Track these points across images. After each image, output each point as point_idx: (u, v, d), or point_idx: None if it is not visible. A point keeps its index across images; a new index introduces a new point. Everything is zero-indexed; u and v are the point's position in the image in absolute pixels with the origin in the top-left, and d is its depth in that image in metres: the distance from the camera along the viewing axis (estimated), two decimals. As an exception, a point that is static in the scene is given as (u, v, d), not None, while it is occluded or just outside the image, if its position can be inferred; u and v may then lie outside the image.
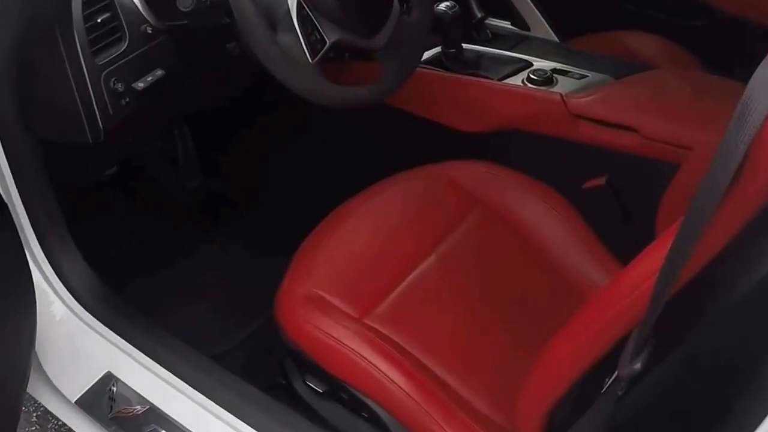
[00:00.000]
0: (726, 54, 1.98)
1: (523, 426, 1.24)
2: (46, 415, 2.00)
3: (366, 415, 1.44)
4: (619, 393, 0.98)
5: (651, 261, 0.97)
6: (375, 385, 1.39)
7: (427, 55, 1.98)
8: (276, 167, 2.44)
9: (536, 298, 1.57)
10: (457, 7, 1.89)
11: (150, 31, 1.60)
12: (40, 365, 1.59)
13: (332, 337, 1.42)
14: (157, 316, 1.75)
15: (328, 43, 1.51)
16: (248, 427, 1.41)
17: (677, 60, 2.11)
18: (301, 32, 1.48)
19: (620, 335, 1.01)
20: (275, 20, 1.49)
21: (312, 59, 1.49)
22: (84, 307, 1.62)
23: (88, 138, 1.54)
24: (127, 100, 1.56)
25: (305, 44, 1.49)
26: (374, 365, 1.39)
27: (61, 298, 1.63)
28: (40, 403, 1.73)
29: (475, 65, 1.95)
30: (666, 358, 0.98)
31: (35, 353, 1.56)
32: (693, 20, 2.27)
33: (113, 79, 1.53)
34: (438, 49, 1.99)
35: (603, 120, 1.71)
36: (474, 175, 1.73)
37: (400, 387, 1.37)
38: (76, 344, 1.61)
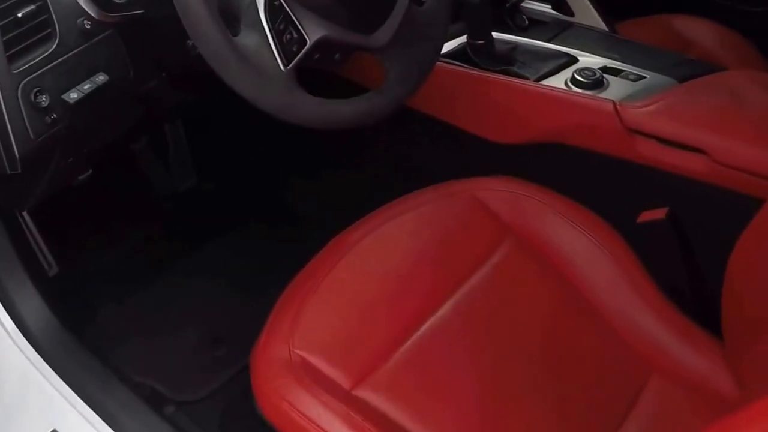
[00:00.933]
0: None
1: None
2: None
3: None
4: None
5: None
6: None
7: (449, 46, 1.75)
8: (277, 172, 2.26)
9: (579, 361, 1.36)
10: (487, -12, 1.63)
11: (89, 26, 1.29)
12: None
13: (309, 419, 1.21)
14: (128, 351, 1.72)
15: (308, 43, 1.18)
16: None
17: (734, 49, 2.02)
18: (270, 30, 1.16)
19: None
20: (236, 13, 1.18)
21: (285, 66, 1.17)
22: (33, 347, 1.45)
23: (6, 168, 1.27)
24: (54, 116, 1.25)
25: (276, 46, 1.17)
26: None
27: (8, 333, 1.45)
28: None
29: (507, 60, 1.70)
30: None
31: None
32: (749, 4, 2.22)
33: (35, 91, 1.22)
34: (463, 38, 1.75)
35: (665, 138, 1.50)
36: (505, 196, 1.52)
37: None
38: (23, 391, 1.45)
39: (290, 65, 1.17)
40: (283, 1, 1.16)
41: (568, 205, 1.51)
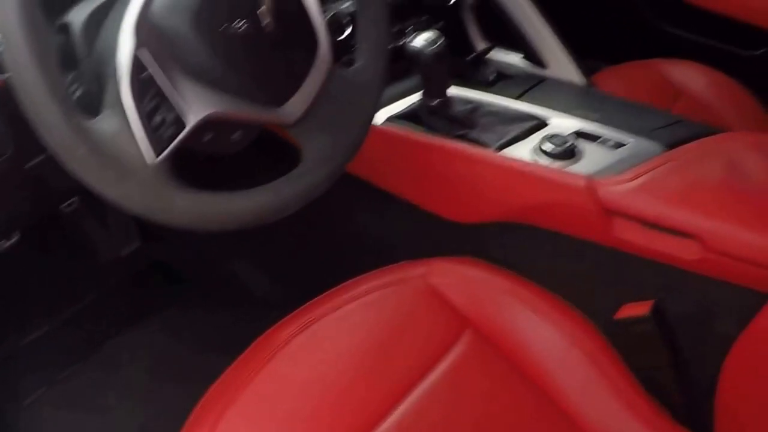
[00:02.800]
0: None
1: None
2: None
3: None
4: None
5: None
6: None
7: (401, 105, 1.57)
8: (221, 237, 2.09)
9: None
10: (442, 41, 1.43)
11: None
12: None
13: None
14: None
15: (188, 126, 0.96)
16: None
17: (731, 98, 1.91)
18: (135, 109, 0.93)
19: None
20: (101, 86, 0.95)
21: (155, 157, 0.94)
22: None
23: None
24: None
25: (143, 131, 0.94)
26: None
27: None
28: None
29: (466, 123, 1.51)
30: None
31: None
32: (746, 47, 2.13)
33: None
34: (418, 96, 1.55)
35: (649, 220, 1.33)
36: (463, 282, 1.37)
37: None
38: None
39: (161, 156, 0.95)
40: (157, 71, 0.94)
41: (537, 293, 1.37)
